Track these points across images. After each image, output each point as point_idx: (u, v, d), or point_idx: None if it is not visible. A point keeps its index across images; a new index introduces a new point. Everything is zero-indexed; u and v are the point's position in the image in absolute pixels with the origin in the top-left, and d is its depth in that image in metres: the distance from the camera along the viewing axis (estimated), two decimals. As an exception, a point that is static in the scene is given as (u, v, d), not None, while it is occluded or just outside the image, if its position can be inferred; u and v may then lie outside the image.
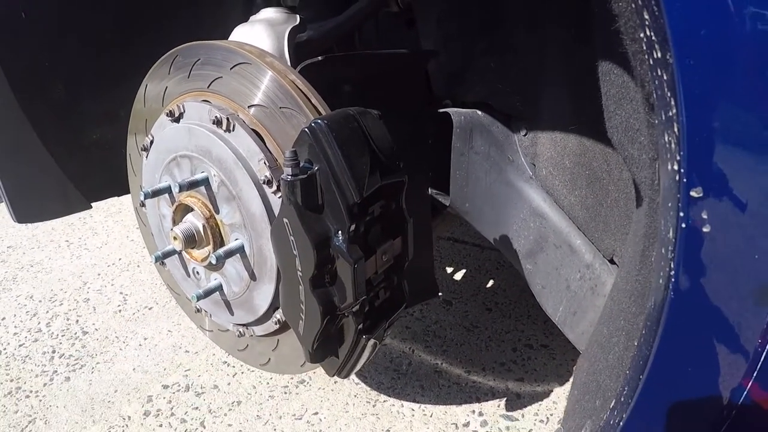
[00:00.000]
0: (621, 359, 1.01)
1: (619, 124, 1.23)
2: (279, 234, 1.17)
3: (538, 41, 1.63)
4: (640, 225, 1.17)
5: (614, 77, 1.21)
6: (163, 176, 1.62)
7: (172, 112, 1.55)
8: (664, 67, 0.68)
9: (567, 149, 1.64)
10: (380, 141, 1.19)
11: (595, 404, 1.10)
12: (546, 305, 1.78)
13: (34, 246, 3.55)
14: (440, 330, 2.46)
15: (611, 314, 1.28)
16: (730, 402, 0.80)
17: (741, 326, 0.75)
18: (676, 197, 0.71)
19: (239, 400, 2.14)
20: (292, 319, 1.26)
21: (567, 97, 1.61)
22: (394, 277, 1.33)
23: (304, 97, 1.32)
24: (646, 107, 0.86)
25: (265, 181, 1.36)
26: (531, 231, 1.76)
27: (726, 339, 0.77)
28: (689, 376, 0.80)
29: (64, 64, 2.06)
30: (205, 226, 1.50)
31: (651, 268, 0.88)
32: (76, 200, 2.25)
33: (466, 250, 3.13)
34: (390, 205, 1.25)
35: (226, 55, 1.44)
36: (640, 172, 1.15)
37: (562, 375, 2.20)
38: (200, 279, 1.68)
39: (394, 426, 1.99)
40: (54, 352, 2.50)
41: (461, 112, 1.75)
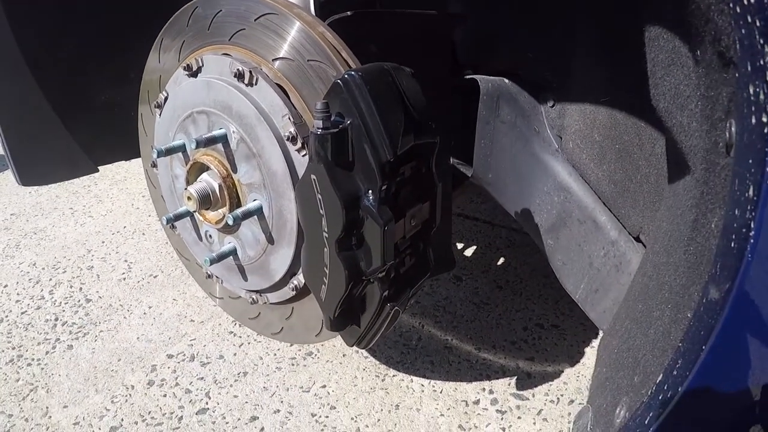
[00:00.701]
0: (667, 333, 0.96)
1: (667, 90, 1.17)
2: (305, 192, 1.11)
3: (571, 8, 1.57)
4: (684, 196, 1.12)
5: (664, 42, 1.16)
6: (177, 134, 1.57)
7: (189, 66, 1.50)
8: (758, 12, 0.63)
9: (597, 122, 1.59)
10: (414, 99, 1.14)
11: (633, 380, 1.05)
12: (566, 282, 1.73)
13: (37, 213, 3.50)
14: (450, 306, 2.42)
15: (647, 290, 1.23)
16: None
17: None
18: (761, 152, 0.65)
19: (245, 371, 2.10)
20: (314, 284, 1.21)
21: (600, 68, 1.56)
22: (420, 244, 1.28)
23: (334, 50, 1.26)
24: (716, 65, 0.81)
25: (289, 137, 1.30)
26: (554, 205, 1.71)
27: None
28: (763, 350, 0.75)
29: (74, 23, 2.01)
30: (222, 185, 1.45)
31: (711, 235, 0.83)
32: (82, 163, 2.21)
33: (477, 226, 3.08)
34: (421, 167, 1.19)
35: (250, 6, 1.38)
36: (689, 140, 1.09)
37: (573, 356, 2.15)
38: (213, 243, 1.62)
39: (404, 401, 1.94)
40: (57, 320, 2.45)
41: (488, 79, 1.70)
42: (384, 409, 1.91)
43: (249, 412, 1.92)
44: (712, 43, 0.80)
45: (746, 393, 0.80)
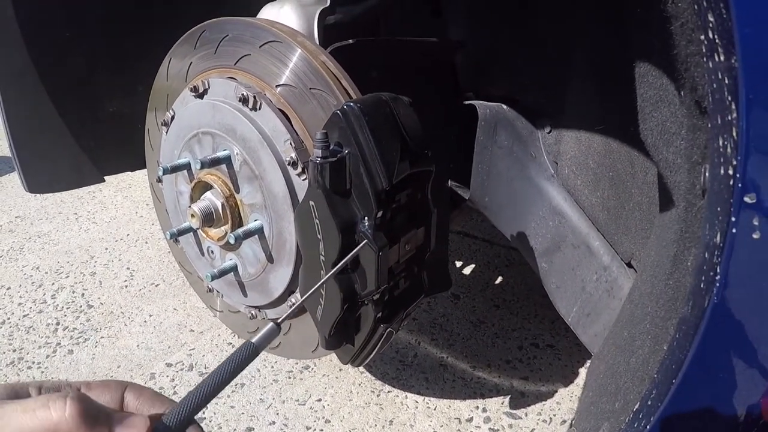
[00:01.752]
0: (646, 363, 0.99)
1: (654, 126, 1.21)
2: (304, 217, 1.15)
3: (568, 37, 1.61)
4: (669, 229, 1.15)
5: (652, 79, 1.20)
6: (182, 152, 1.61)
7: (196, 87, 1.54)
8: (727, 70, 0.67)
9: (591, 149, 1.62)
10: (411, 128, 1.18)
11: (614, 406, 1.08)
12: (559, 305, 1.76)
13: (42, 217, 3.53)
14: (447, 323, 2.45)
15: (632, 317, 1.26)
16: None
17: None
18: (727, 202, 0.69)
19: (243, 383, 2.13)
20: (310, 305, 1.25)
21: (595, 96, 1.60)
22: (414, 267, 1.32)
23: (335, 78, 1.31)
24: (694, 110, 0.85)
25: (290, 162, 1.34)
26: (549, 229, 1.74)
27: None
28: (725, 384, 0.79)
29: (84, 35, 2.04)
30: (224, 204, 1.49)
31: (687, 272, 0.87)
32: (89, 173, 2.24)
33: (476, 245, 3.11)
34: (416, 194, 1.23)
35: (256, 33, 1.43)
36: (674, 175, 1.13)
37: (567, 376, 2.18)
38: (215, 258, 1.66)
39: (398, 417, 1.98)
40: (58, 324, 2.49)
41: (487, 105, 1.73)
42: (378, 424, 1.94)
43: (245, 423, 1.95)
44: (691, 91, 0.84)
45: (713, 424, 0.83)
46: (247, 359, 0.70)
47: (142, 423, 0.61)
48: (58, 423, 0.56)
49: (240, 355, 0.70)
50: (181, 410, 0.64)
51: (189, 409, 0.65)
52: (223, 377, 0.68)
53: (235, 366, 0.69)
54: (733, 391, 0.81)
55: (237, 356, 0.70)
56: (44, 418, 0.56)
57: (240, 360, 0.70)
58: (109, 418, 0.61)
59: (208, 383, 0.67)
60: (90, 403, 0.60)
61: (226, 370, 0.68)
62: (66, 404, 0.57)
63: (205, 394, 0.66)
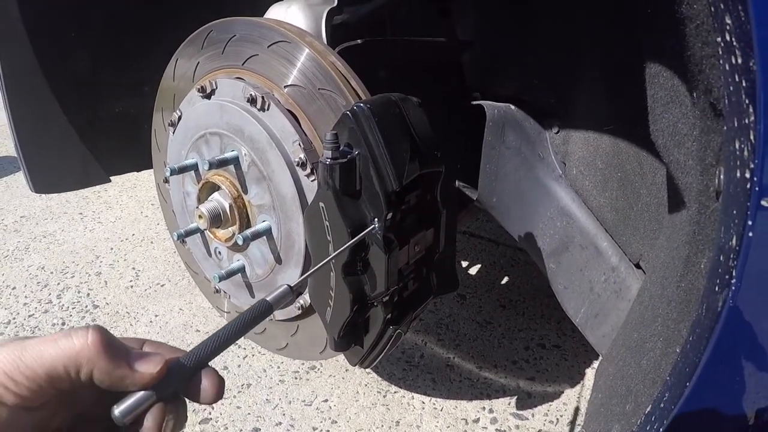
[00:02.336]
0: (657, 365, 0.99)
1: (665, 128, 1.20)
2: (313, 218, 1.15)
3: (577, 37, 1.60)
4: (680, 231, 1.15)
5: (663, 80, 1.19)
6: (190, 153, 1.61)
7: (203, 87, 1.53)
8: (745, 73, 0.66)
9: (600, 150, 1.62)
10: (420, 129, 1.17)
11: (625, 408, 1.08)
12: (567, 306, 1.75)
13: (47, 217, 3.54)
14: (453, 324, 2.45)
15: (642, 319, 1.26)
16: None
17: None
18: (744, 205, 0.68)
19: (249, 383, 2.13)
20: (319, 306, 1.24)
21: (603, 97, 1.59)
22: (423, 269, 1.31)
23: (344, 79, 1.30)
24: (708, 112, 0.84)
25: (299, 163, 1.34)
26: (557, 230, 1.73)
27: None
28: (740, 387, 0.79)
29: (89, 35, 2.04)
30: (232, 205, 1.48)
31: (700, 275, 0.86)
32: (94, 173, 2.24)
33: (481, 245, 3.11)
34: (425, 195, 1.22)
35: (263, 33, 1.42)
36: (685, 177, 1.12)
37: (573, 377, 2.18)
38: (222, 259, 1.66)
39: (404, 418, 1.97)
40: (64, 324, 2.49)
41: (495, 105, 1.73)
42: (385, 425, 1.94)
43: (251, 423, 1.95)
44: (705, 93, 0.83)
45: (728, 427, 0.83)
46: (260, 316, 0.72)
47: (158, 358, 0.63)
48: (80, 350, 0.58)
49: (254, 311, 0.72)
50: (196, 354, 0.66)
51: (203, 355, 0.66)
52: (237, 329, 0.70)
53: (249, 320, 0.71)
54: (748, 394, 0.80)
55: (251, 312, 0.72)
56: (66, 346, 0.58)
57: (254, 315, 0.72)
58: (128, 351, 0.62)
59: (222, 333, 0.69)
60: (111, 336, 0.62)
61: (240, 323, 0.70)
62: (88, 333, 0.59)
63: (219, 343, 0.68)
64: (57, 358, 0.57)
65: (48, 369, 0.57)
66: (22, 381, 0.56)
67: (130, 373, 0.61)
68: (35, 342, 0.58)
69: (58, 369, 0.57)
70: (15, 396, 0.56)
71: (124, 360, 0.61)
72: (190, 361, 0.65)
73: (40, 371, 0.57)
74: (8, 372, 0.56)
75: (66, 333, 0.59)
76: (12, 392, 0.56)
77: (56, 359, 0.57)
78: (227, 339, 0.68)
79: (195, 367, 0.66)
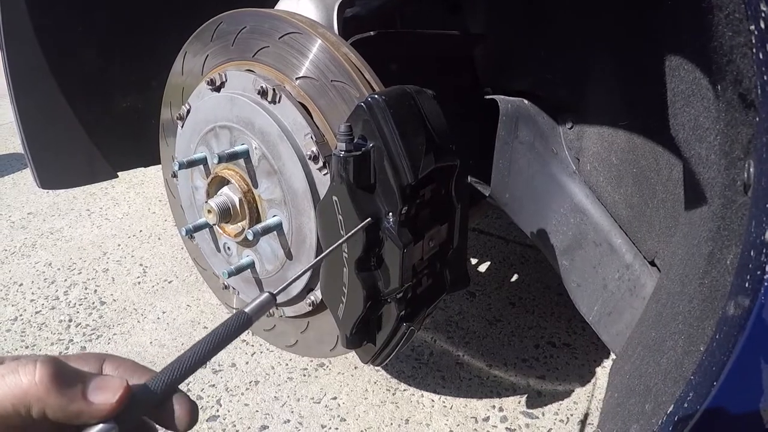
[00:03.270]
0: (679, 364, 0.97)
1: (686, 121, 1.18)
2: (326, 213, 1.13)
3: (591, 31, 1.58)
4: (701, 227, 1.13)
5: (684, 73, 1.17)
6: (198, 147, 1.59)
7: (212, 80, 1.51)
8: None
9: (615, 145, 1.59)
10: (435, 122, 1.15)
11: (644, 408, 1.06)
12: (580, 303, 1.73)
13: (54, 213, 3.52)
14: (463, 321, 2.43)
15: (660, 317, 1.23)
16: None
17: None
18: (778, 198, 0.66)
19: (257, 380, 2.11)
20: (331, 302, 1.22)
21: (618, 91, 1.57)
22: (437, 264, 1.29)
23: (357, 71, 1.28)
24: (736, 104, 0.81)
25: (311, 156, 1.32)
26: (570, 227, 1.71)
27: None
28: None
29: (97, 30, 2.03)
30: (242, 200, 1.46)
31: (726, 271, 0.84)
32: (102, 169, 2.23)
33: (491, 242, 3.09)
34: (440, 189, 1.20)
35: (274, 24, 1.40)
36: (707, 172, 1.10)
37: (584, 375, 2.15)
38: (231, 255, 1.64)
39: (414, 416, 1.95)
40: (71, 320, 2.47)
41: (508, 100, 1.71)
42: (394, 423, 1.92)
43: (259, 420, 1.94)
44: (734, 84, 0.80)
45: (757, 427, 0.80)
46: (239, 329, 0.67)
47: (117, 384, 0.57)
48: (28, 388, 0.53)
49: (232, 324, 0.66)
50: (165, 377, 0.61)
51: (173, 378, 0.61)
52: (213, 345, 0.64)
53: (226, 335, 0.65)
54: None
55: (229, 325, 0.66)
56: (13, 383, 0.53)
57: (232, 329, 0.66)
58: (83, 380, 0.57)
59: (196, 351, 0.63)
60: (62, 366, 0.57)
61: (216, 338, 0.65)
62: (36, 368, 0.54)
63: (192, 363, 0.62)
64: (4, 396, 0.53)
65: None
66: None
67: (87, 405, 0.56)
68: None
69: (6, 408, 0.53)
70: None
71: (79, 392, 0.56)
72: (158, 387, 0.60)
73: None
74: None
75: (13, 367, 0.54)
76: None
77: (3, 398, 0.53)
78: (201, 358, 0.63)
79: (164, 393, 0.60)
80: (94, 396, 0.56)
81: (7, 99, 1.96)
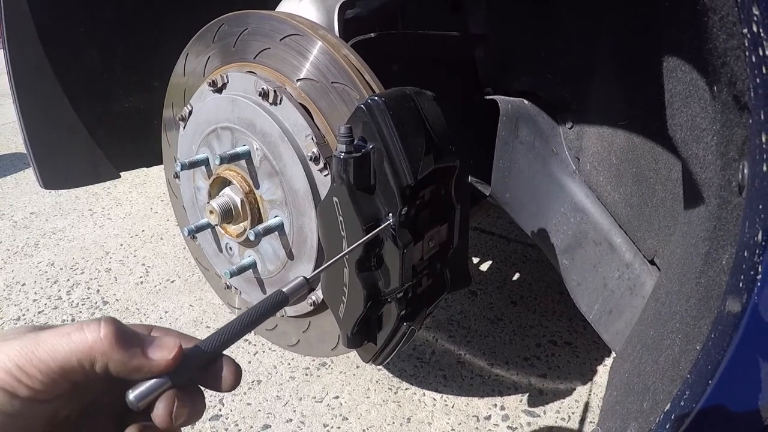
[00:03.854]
0: (676, 362, 0.97)
1: (684, 122, 1.19)
2: (327, 213, 1.13)
3: (591, 31, 1.59)
4: (698, 226, 1.13)
5: (681, 74, 1.17)
6: (200, 148, 1.60)
7: (214, 82, 1.52)
8: (773, 64, 0.65)
9: (614, 145, 1.60)
10: (435, 123, 1.16)
11: (642, 406, 1.06)
12: (580, 302, 1.74)
13: (57, 213, 3.54)
14: (464, 320, 2.43)
15: (659, 316, 1.24)
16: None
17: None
18: (771, 200, 0.67)
19: (259, 380, 2.12)
20: (332, 302, 1.23)
21: (618, 92, 1.57)
22: (437, 264, 1.30)
23: (357, 72, 1.29)
24: (731, 106, 0.82)
25: (312, 158, 1.33)
26: (571, 226, 1.72)
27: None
28: (766, 384, 0.77)
29: (99, 30, 2.04)
30: (244, 201, 1.47)
31: (721, 271, 0.84)
32: (104, 169, 2.24)
33: (492, 241, 3.09)
34: (440, 190, 1.21)
35: (275, 26, 1.41)
36: (704, 172, 1.11)
37: (585, 374, 2.16)
38: (233, 255, 1.65)
39: (415, 414, 1.96)
40: (73, 320, 2.48)
41: (508, 100, 1.71)
42: (396, 422, 1.93)
43: (261, 420, 1.95)
44: (728, 85, 0.81)
45: (753, 426, 0.81)
46: (276, 306, 0.72)
47: (173, 343, 0.63)
48: (93, 344, 0.58)
49: (270, 301, 0.72)
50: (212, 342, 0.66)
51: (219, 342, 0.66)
52: (252, 319, 0.69)
53: (264, 310, 0.71)
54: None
55: (267, 302, 0.71)
56: (79, 340, 0.58)
57: (269, 305, 0.71)
58: (142, 339, 0.62)
59: (237, 323, 0.68)
60: (123, 325, 0.62)
61: (255, 312, 0.70)
62: (100, 326, 0.59)
63: (234, 332, 0.67)
64: (71, 352, 0.57)
65: (61, 363, 0.57)
66: (35, 374, 0.56)
67: (146, 361, 0.61)
68: (48, 335, 0.58)
69: (72, 363, 0.57)
70: (28, 389, 0.56)
71: (139, 349, 0.61)
72: (208, 348, 0.65)
73: (53, 365, 0.57)
74: (21, 365, 0.56)
75: (78, 326, 0.59)
76: (25, 385, 0.56)
77: (70, 353, 0.57)
78: (242, 329, 0.68)
79: (211, 355, 0.65)
80: (153, 352, 0.61)
81: (9, 98, 1.97)
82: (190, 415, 0.64)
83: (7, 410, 0.55)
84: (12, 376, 0.55)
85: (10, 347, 0.56)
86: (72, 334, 0.58)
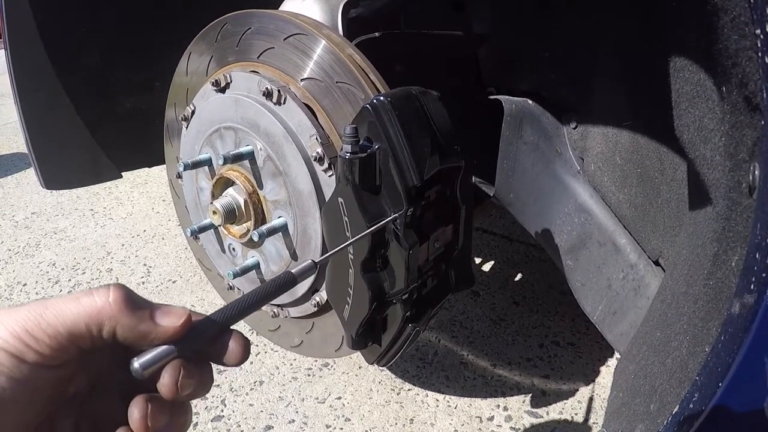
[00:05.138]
0: (684, 364, 0.97)
1: (691, 123, 1.18)
2: (332, 214, 1.13)
3: (596, 31, 1.58)
4: (705, 227, 1.13)
5: (689, 74, 1.16)
6: (203, 148, 1.59)
7: (217, 81, 1.52)
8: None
9: (619, 145, 1.59)
10: (440, 123, 1.15)
11: (649, 408, 1.06)
12: (584, 303, 1.73)
13: (58, 213, 3.53)
14: (467, 321, 2.43)
15: (665, 317, 1.23)
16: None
17: None
18: (784, 201, 0.66)
19: (261, 380, 2.12)
20: (337, 303, 1.22)
21: (623, 92, 1.57)
22: (442, 265, 1.29)
23: (362, 72, 1.28)
24: (742, 107, 0.82)
25: (316, 158, 1.32)
26: (575, 226, 1.71)
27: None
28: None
29: (101, 31, 2.03)
30: (247, 201, 1.47)
31: (731, 272, 0.84)
32: (106, 169, 2.24)
33: (495, 241, 3.09)
34: (445, 190, 1.20)
35: (279, 25, 1.40)
36: (711, 173, 1.10)
37: (588, 375, 2.15)
38: (236, 256, 1.64)
39: (418, 415, 1.95)
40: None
41: (512, 100, 1.71)
42: (398, 423, 1.92)
43: (264, 421, 1.94)
44: (739, 86, 0.81)
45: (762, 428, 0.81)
46: (284, 286, 0.71)
47: (182, 311, 0.63)
48: (102, 308, 0.59)
49: (278, 281, 0.71)
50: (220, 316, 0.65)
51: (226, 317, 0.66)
52: (260, 297, 0.69)
53: (272, 290, 0.70)
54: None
55: (275, 282, 0.71)
56: (88, 304, 0.59)
57: (277, 285, 0.71)
58: (150, 305, 0.63)
59: (246, 299, 0.68)
60: (132, 292, 0.62)
61: (263, 291, 0.70)
62: (110, 290, 0.60)
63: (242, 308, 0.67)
64: (79, 315, 0.58)
65: (70, 327, 0.58)
66: (44, 339, 0.56)
67: (154, 327, 0.61)
68: (57, 300, 0.58)
69: (80, 327, 0.58)
70: (36, 354, 0.56)
71: (147, 314, 0.61)
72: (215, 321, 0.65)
73: (61, 329, 0.57)
74: (29, 330, 0.56)
75: (87, 291, 0.60)
76: (33, 350, 0.56)
77: (78, 317, 0.58)
78: (249, 306, 0.68)
79: (218, 328, 0.65)
80: (161, 319, 0.62)
81: (10, 98, 1.96)
82: (197, 388, 0.64)
83: (14, 375, 0.56)
84: (20, 340, 0.56)
85: (18, 312, 0.57)
86: (81, 299, 0.59)
